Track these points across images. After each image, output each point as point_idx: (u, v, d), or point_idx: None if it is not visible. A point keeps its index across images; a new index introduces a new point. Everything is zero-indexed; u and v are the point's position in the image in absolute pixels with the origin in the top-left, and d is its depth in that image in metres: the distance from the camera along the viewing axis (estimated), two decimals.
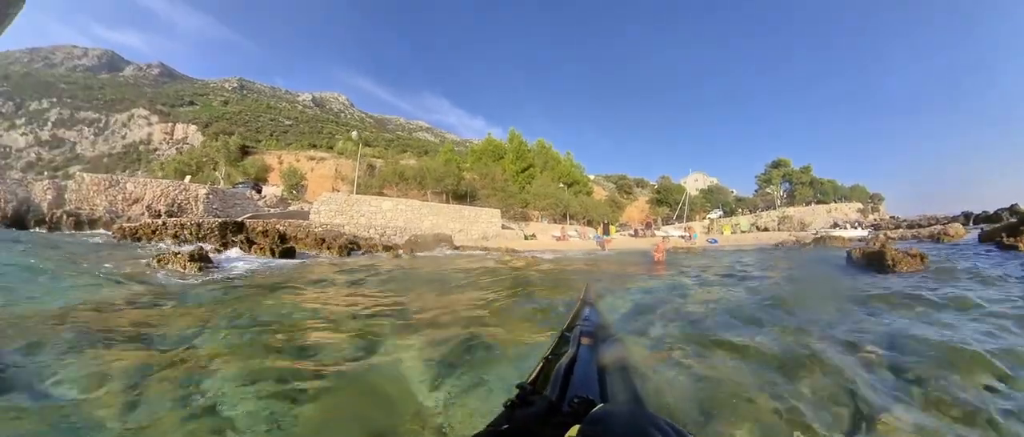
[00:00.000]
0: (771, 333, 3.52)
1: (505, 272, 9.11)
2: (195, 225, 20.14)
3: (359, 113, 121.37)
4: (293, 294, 5.77)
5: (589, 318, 2.27)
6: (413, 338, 3.54)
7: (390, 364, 3.01)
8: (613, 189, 73.63)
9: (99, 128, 76.67)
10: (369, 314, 4.60)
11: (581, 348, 1.59)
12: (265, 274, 8.56)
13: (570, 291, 6.25)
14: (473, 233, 27.19)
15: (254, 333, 3.63)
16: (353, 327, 3.96)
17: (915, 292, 4.97)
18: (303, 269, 9.37)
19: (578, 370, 1.36)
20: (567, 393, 1.17)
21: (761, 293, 5.73)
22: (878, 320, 3.89)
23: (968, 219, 37.59)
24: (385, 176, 35.14)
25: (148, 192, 26.76)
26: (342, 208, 24.51)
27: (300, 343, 3.39)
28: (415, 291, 6.83)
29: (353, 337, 3.61)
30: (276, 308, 4.68)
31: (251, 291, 6.03)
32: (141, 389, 2.43)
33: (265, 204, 28.81)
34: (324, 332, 3.79)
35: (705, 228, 48.93)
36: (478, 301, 5.42)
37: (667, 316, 4.39)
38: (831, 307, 4.56)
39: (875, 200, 57.31)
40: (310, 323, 4.11)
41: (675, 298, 5.75)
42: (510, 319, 4.55)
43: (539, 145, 53.32)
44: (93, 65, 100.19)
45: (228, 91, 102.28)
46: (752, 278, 7.77)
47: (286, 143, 76.35)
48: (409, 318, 4.39)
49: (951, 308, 4.22)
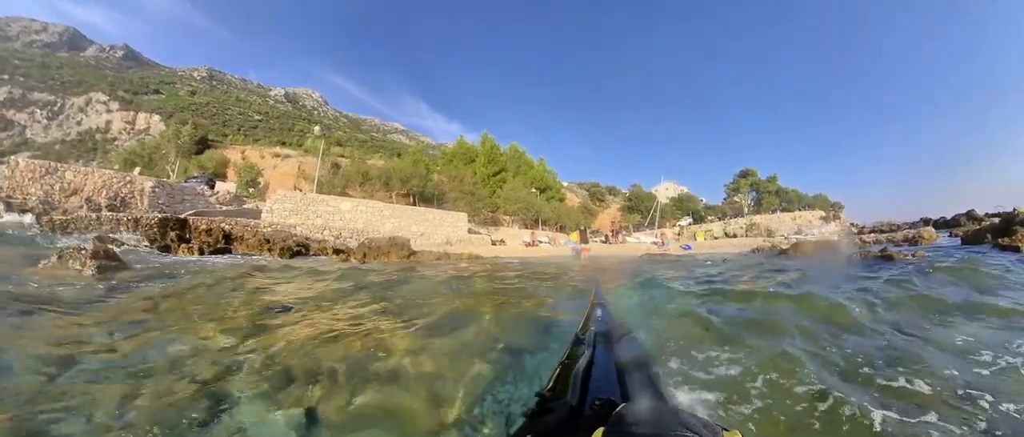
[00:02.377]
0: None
1: (446, 286, 8.29)
2: (132, 220, 19.03)
3: (333, 111, 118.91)
4: (157, 314, 5.09)
5: (602, 318, 2.28)
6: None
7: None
8: (586, 196, 73.99)
9: (53, 112, 72.70)
10: (219, 369, 2.84)
11: (597, 349, 1.59)
12: (172, 282, 7.83)
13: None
14: (436, 237, 26.54)
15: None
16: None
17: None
18: (225, 271, 8.63)
19: (596, 372, 1.38)
20: (588, 396, 1.17)
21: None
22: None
23: (928, 224, 39.55)
24: (348, 176, 34.12)
25: (89, 183, 25.21)
26: (297, 207, 23.54)
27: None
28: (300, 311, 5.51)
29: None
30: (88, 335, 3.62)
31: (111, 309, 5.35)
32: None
33: (218, 201, 27.49)
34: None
35: (675, 234, 49.62)
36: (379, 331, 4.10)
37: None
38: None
39: (836, 208, 60.22)
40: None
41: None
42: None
43: (512, 149, 53.11)
44: (52, 42, 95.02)
45: (197, 80, 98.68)
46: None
47: (255, 139, 73.99)
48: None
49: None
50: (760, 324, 3.83)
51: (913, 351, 3.05)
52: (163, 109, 75.91)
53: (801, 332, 3.54)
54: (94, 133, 70.46)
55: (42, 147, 64.79)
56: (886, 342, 3.33)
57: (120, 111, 74.47)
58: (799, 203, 58.73)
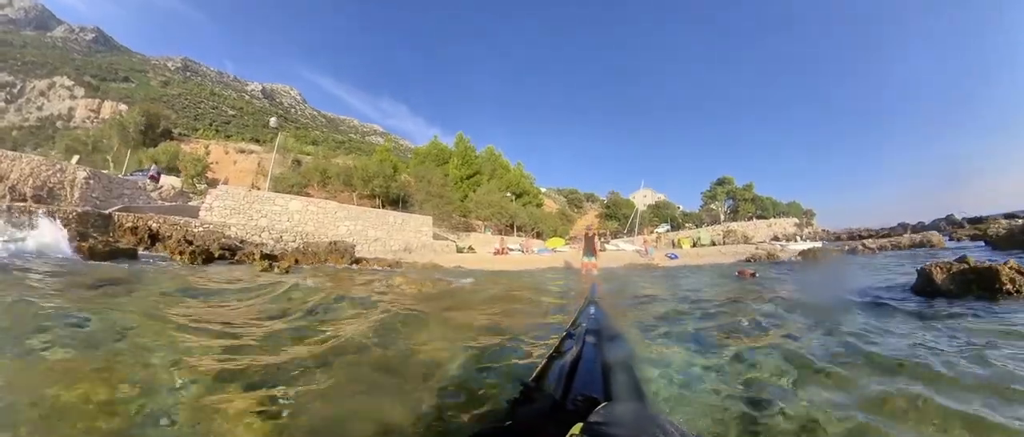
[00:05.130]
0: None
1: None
2: (47, 214, 17.39)
3: (311, 110, 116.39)
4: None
5: (594, 317, 2.25)
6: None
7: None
8: (564, 202, 73.20)
9: (12, 94, 69.41)
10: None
11: (585, 347, 1.61)
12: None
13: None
14: (393, 243, 25.13)
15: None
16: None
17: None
18: (85, 277, 7.10)
19: (582, 368, 1.38)
20: (571, 391, 1.18)
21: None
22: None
23: (905, 229, 39.36)
24: (306, 173, 32.47)
25: (15, 170, 23.29)
26: (239, 206, 21.95)
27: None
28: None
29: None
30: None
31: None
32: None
33: (160, 196, 25.73)
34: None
35: (653, 241, 48.76)
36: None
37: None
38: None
39: (808, 215, 60.77)
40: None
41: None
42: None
43: (488, 152, 51.95)
44: (17, 18, 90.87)
45: (170, 71, 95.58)
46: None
47: (226, 134, 71.55)
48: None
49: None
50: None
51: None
52: (131, 98, 72.92)
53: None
54: (54, 120, 67.31)
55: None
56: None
57: (85, 98, 71.44)
58: (774, 210, 59.47)
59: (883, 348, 3.43)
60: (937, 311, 5.09)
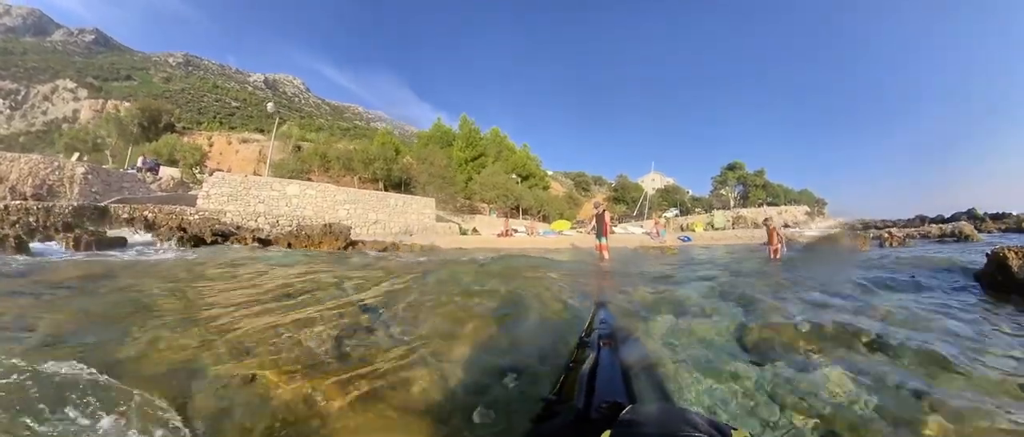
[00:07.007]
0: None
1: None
2: (42, 210, 17.24)
3: (315, 98, 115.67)
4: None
5: (605, 320, 2.19)
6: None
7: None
8: (571, 186, 72.25)
9: (16, 101, 69.90)
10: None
11: (602, 352, 1.57)
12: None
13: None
14: (394, 226, 24.69)
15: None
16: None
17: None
18: (63, 272, 6.72)
19: (601, 374, 1.35)
20: (594, 399, 1.16)
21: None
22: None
23: (923, 222, 37.84)
24: (305, 158, 32.04)
25: (15, 170, 23.25)
26: (236, 192, 21.62)
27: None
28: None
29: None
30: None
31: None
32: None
33: (160, 188, 25.56)
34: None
35: (663, 224, 47.86)
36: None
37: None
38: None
39: (820, 204, 59.71)
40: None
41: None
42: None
43: (493, 134, 51.00)
44: (16, 25, 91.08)
45: (172, 67, 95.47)
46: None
47: (231, 126, 71.47)
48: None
49: None
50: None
51: None
52: (135, 96, 72.94)
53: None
54: (60, 123, 67.58)
55: (4, 139, 61.98)
56: None
57: (89, 99, 71.53)
58: (785, 198, 58.30)
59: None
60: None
